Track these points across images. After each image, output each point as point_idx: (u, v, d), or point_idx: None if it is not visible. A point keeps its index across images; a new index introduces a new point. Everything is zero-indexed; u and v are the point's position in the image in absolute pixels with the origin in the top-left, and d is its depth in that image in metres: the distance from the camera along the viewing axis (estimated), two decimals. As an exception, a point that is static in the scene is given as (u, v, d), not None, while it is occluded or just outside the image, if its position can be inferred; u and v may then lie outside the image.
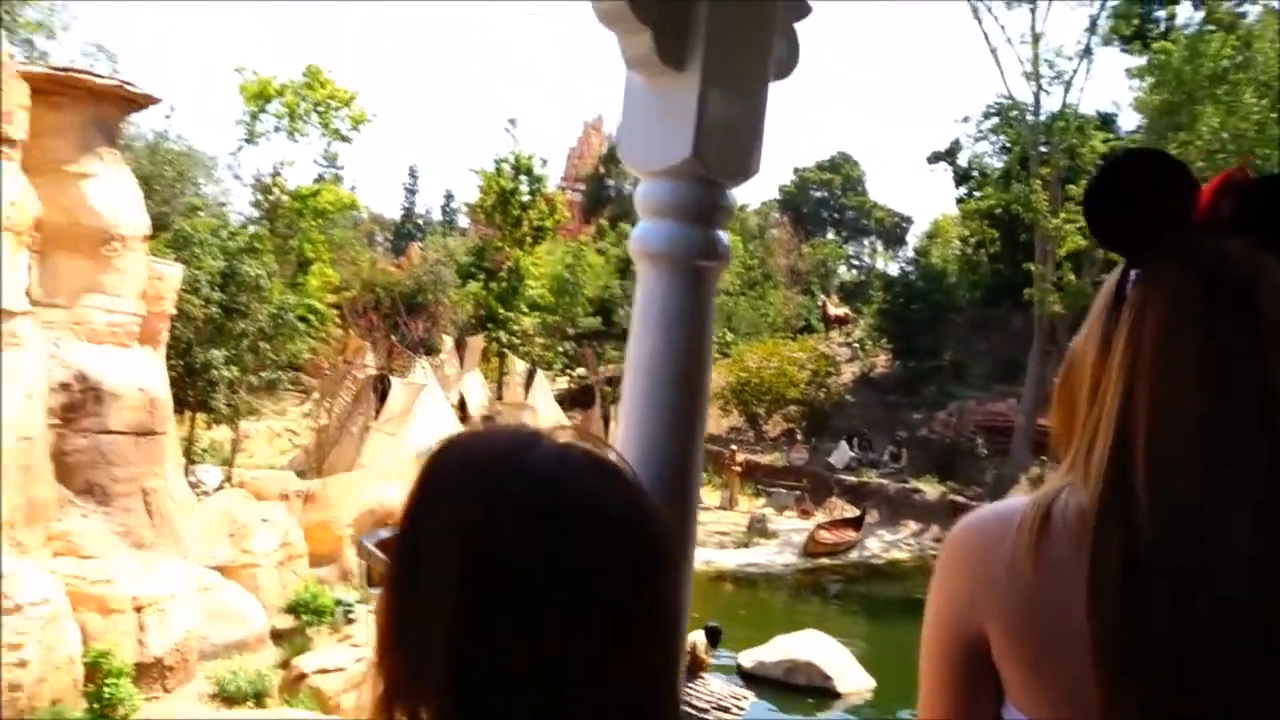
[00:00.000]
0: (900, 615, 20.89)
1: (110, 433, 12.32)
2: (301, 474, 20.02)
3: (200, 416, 18.31)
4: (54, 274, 12.53)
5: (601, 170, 62.84)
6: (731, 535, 24.52)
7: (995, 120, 34.09)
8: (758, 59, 1.43)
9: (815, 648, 14.96)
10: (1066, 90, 31.47)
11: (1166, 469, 0.89)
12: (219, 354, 16.64)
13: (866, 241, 68.02)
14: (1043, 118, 31.74)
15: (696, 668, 12.32)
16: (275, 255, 31.32)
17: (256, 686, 11.15)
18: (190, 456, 20.30)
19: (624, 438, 1.35)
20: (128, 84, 13.39)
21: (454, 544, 0.80)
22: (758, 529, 24.96)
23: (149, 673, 10.71)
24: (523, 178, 39.30)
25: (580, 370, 37.95)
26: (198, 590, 12.10)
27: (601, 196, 60.48)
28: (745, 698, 12.43)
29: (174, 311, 14.49)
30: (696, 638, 12.50)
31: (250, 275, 17.26)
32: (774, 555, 23.52)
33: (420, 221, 74.92)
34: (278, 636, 13.02)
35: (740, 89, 1.40)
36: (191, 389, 16.79)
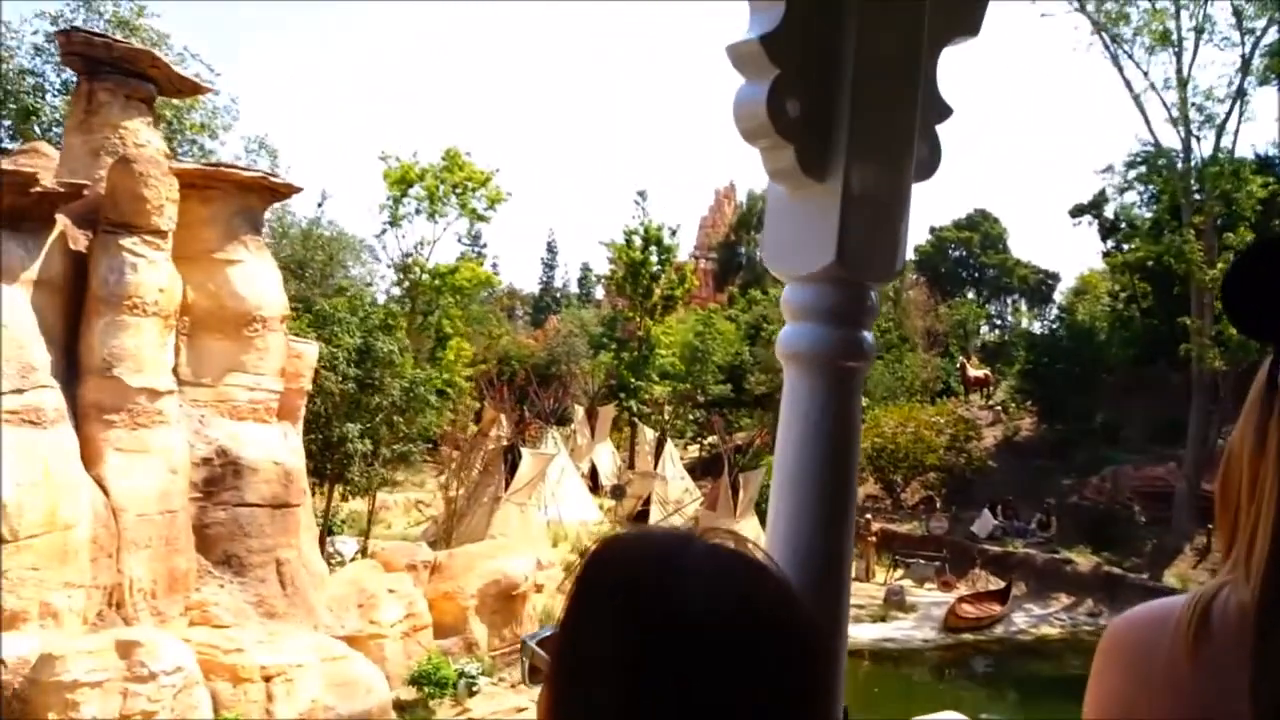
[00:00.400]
0: (1050, 695, 19.57)
1: (247, 505, 12.89)
2: (433, 544, 20.49)
3: (338, 488, 18.97)
4: (200, 354, 13.33)
5: (733, 237, 63.21)
6: (867, 608, 23.56)
7: (1141, 169, 32.49)
8: (899, 165, 1.46)
9: (954, 731, 14.08)
10: (1219, 135, 29.86)
11: None
12: (354, 428, 17.29)
13: (1009, 300, 65.76)
14: (1194, 164, 30.13)
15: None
16: (414, 331, 32.68)
17: (379, 759, 11.28)
18: (330, 528, 21.07)
19: (774, 534, 1.39)
20: (271, 175, 14.30)
21: (612, 649, 0.84)
22: (895, 601, 23.95)
23: (275, 742, 10.97)
24: (652, 248, 39.84)
25: (711, 438, 37.72)
26: (324, 660, 12.39)
27: (733, 263, 60.71)
28: (874, 785, 11.77)
29: (310, 388, 15.14)
30: None
31: (384, 351, 17.95)
32: (912, 630, 22.48)
33: (558, 295, 76.80)
34: (401, 707, 13.20)
35: (882, 194, 1.44)
36: (329, 462, 17.45)
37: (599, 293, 60.05)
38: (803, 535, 1.36)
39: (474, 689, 14.13)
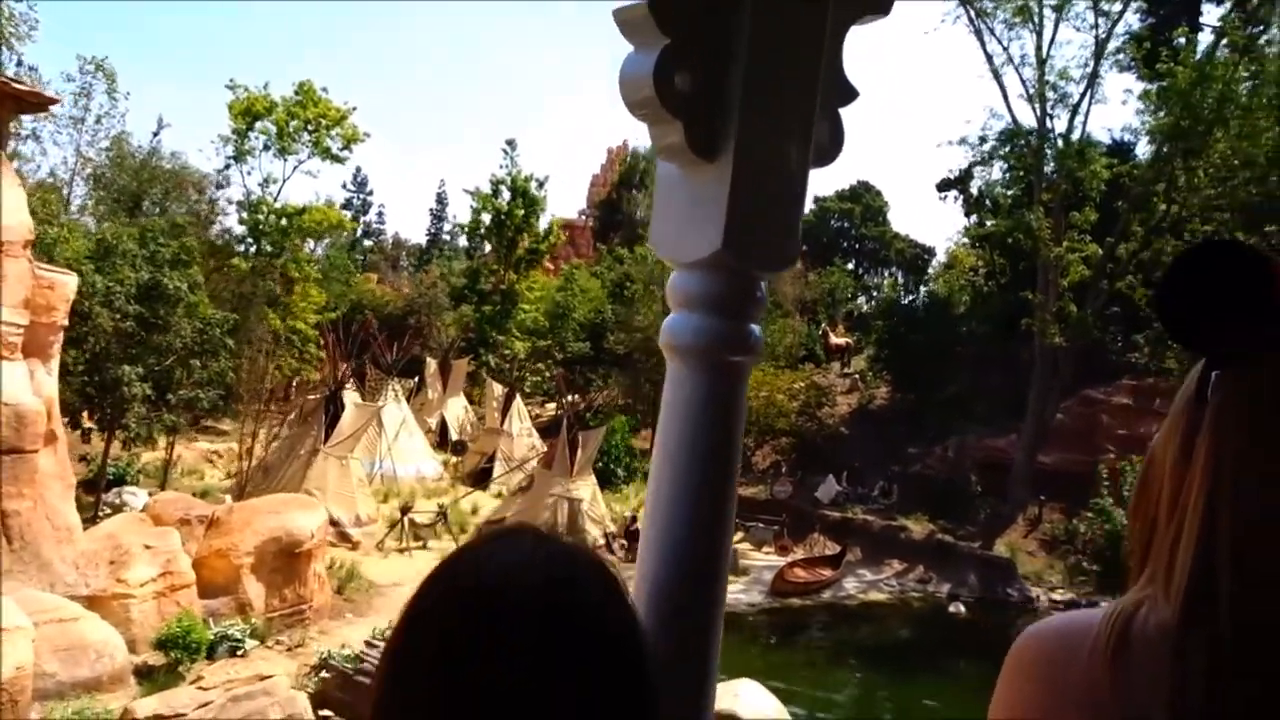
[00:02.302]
0: (864, 661, 19.62)
1: (-36, 450, 11.52)
2: (240, 498, 19.24)
3: (118, 435, 17.47)
4: (-80, 280, 11.83)
5: (614, 195, 62.26)
6: (699, 572, 23.31)
7: (994, 144, 32.77)
8: (796, 148, 1.37)
9: (741, 698, 13.74)
10: (1073, 114, 30.25)
11: (1256, 584, 0.88)
12: (132, 370, 15.83)
13: (886, 273, 66.75)
14: (1047, 142, 30.48)
15: None
16: (262, 275, 30.89)
17: (93, 731, 10.22)
18: (122, 477, 19.59)
19: (650, 530, 1.33)
20: (14, 81, 12.72)
21: (424, 643, 0.87)
22: (728, 565, 23.70)
23: (-33, 713, 9.80)
24: (519, 199, 38.67)
25: (570, 396, 37.04)
26: (48, 623, 11.21)
27: (613, 221, 59.81)
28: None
29: (65, 323, 13.72)
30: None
31: (173, 288, 16.48)
32: (740, 593, 22.25)
33: (445, 247, 74.77)
34: (146, 673, 12.11)
35: (777, 178, 1.35)
36: (104, 406, 16.01)
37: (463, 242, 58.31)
38: (680, 532, 1.30)
39: (238, 651, 13.11)
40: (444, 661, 0.83)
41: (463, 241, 73.46)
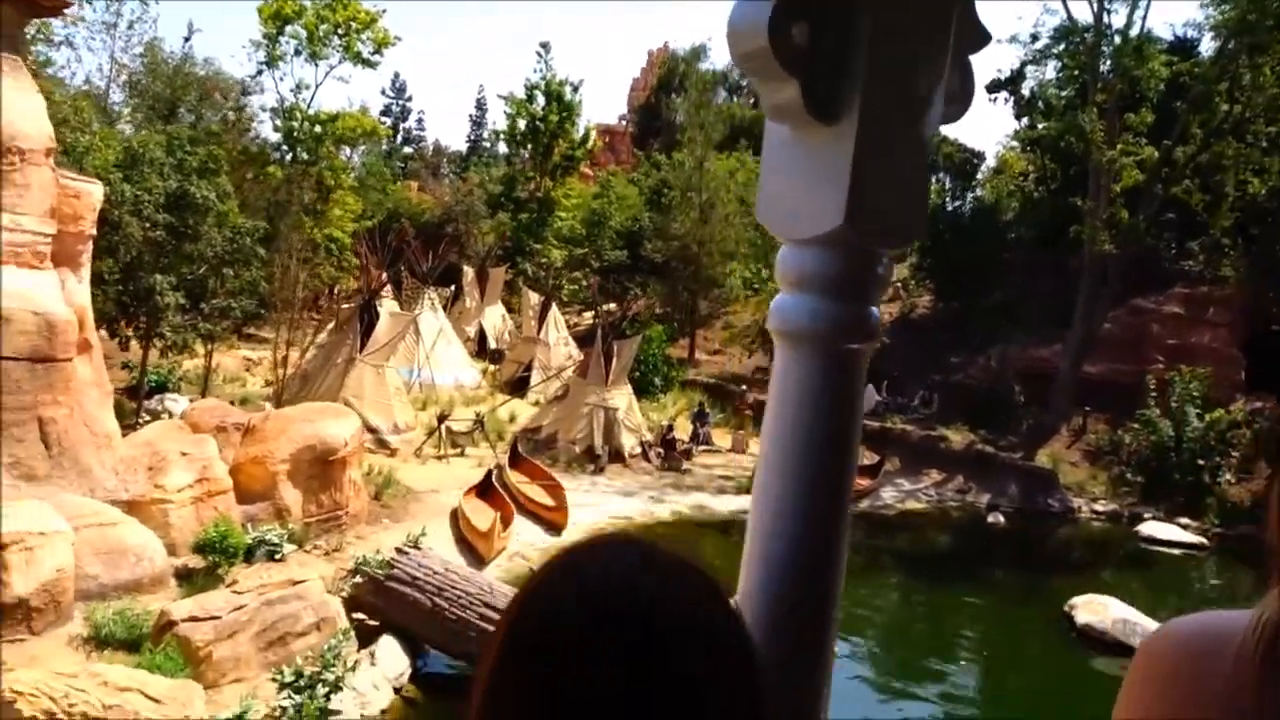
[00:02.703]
0: (899, 570, 19.63)
1: (-2, 358, 11.60)
2: (279, 405, 19.42)
3: (156, 343, 17.59)
4: (-55, 188, 11.77)
5: (653, 100, 60.92)
6: (735, 480, 23.31)
7: (1047, 42, 31.27)
8: (927, 105, 1.23)
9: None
10: (1131, 9, 28.72)
11: None
12: (164, 279, 15.83)
13: (934, 178, 65.09)
14: (1103, 39, 29.01)
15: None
16: (297, 183, 30.73)
17: (133, 632, 10.45)
18: (164, 384, 19.84)
19: (758, 528, 1.25)
20: (29, -16, 12.41)
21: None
22: (764, 475, 23.67)
23: (12, 614, 10.05)
24: (553, 104, 37.89)
25: (607, 305, 36.83)
26: (88, 526, 11.43)
27: (651, 126, 58.64)
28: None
29: (94, 232, 13.66)
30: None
31: (200, 197, 16.33)
32: (775, 503, 22.27)
33: (485, 154, 73.98)
34: (187, 575, 12.35)
35: (905, 141, 1.21)
36: (139, 315, 16.07)
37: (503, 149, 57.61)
38: (793, 528, 1.21)
39: (276, 556, 13.30)
40: (547, 668, 0.80)
41: (503, 148, 73.01)
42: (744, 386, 28.82)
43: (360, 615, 12.07)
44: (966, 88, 1.30)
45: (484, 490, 18.82)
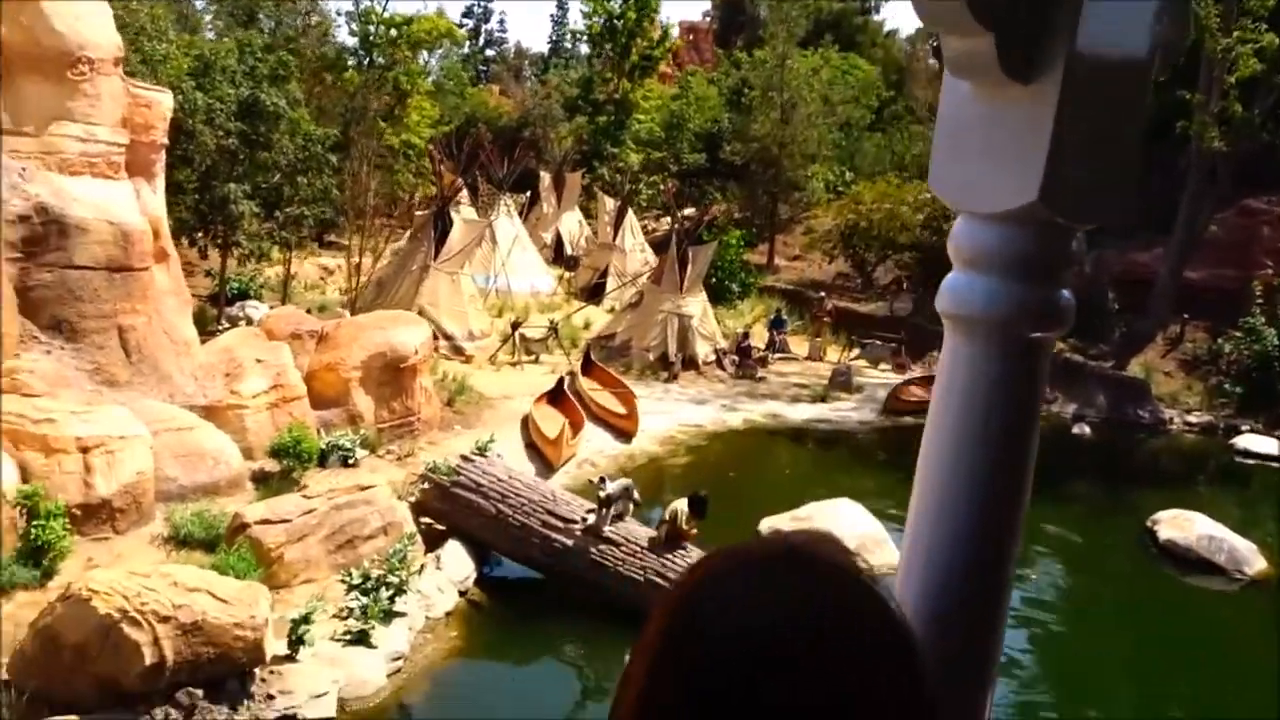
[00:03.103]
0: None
1: (77, 268, 11.92)
2: (355, 313, 19.72)
3: (235, 251, 17.89)
4: (18, 99, 11.96)
5: (736, -7, 58.70)
6: (810, 389, 23.02)
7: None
8: (1140, 57, 1.06)
9: (841, 518, 13.64)
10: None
11: None
12: (237, 188, 15.99)
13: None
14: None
15: (677, 538, 11.30)
16: (373, 89, 30.66)
17: (210, 533, 10.85)
18: (245, 292, 20.28)
19: (923, 512, 1.15)
20: (92, -112, 12.32)
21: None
22: (840, 382, 23.32)
23: (96, 514, 10.51)
24: (630, 1, 36.80)
25: (686, 210, 36.26)
26: (167, 431, 11.82)
27: (734, 22, 56.65)
28: (727, 573, 11.33)
29: (166, 141, 13.81)
30: (679, 506, 11.42)
31: (271, 104, 16.33)
32: (850, 411, 21.96)
33: (567, 56, 72.66)
34: (263, 479, 12.74)
35: (1115, 103, 1.05)
36: (216, 224, 16.32)
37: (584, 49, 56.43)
38: (961, 527, 1.10)
39: (349, 460, 13.64)
40: (708, 691, 0.75)
41: (584, 49, 71.50)
42: (822, 293, 28.22)
43: (428, 520, 12.33)
44: (1179, 29, 1.09)
45: (555, 397, 18.93)
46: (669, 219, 37.10)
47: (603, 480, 11.65)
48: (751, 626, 0.77)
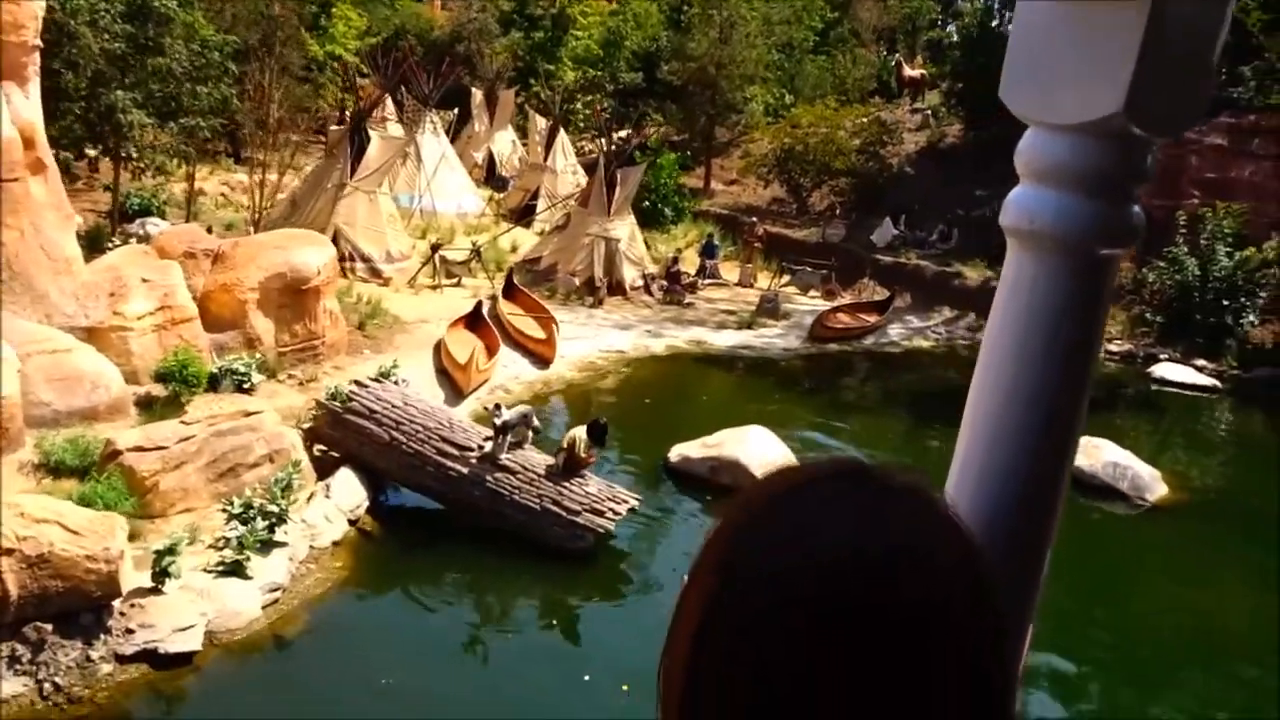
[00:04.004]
0: (890, 408, 19.22)
1: (-66, 178, 11.11)
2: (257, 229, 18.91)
3: (128, 165, 16.93)
4: None
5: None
6: (738, 315, 22.79)
7: None
8: None
9: (750, 446, 13.49)
10: None
11: None
12: (125, 96, 15.03)
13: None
14: None
15: (575, 466, 11.04)
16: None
17: (84, 460, 10.35)
18: (147, 208, 19.36)
19: (973, 438, 1.12)
20: None
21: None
22: (768, 309, 23.11)
23: (-41, 440, 9.95)
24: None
25: (622, 132, 35.37)
26: (42, 354, 11.21)
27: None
28: (625, 501, 11.14)
29: (39, 43, 12.84)
30: (577, 433, 11.14)
31: (159, 4, 15.26)
32: (775, 338, 21.79)
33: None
34: (149, 404, 12.20)
35: (1200, 10, 1.03)
36: (104, 134, 15.38)
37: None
38: (1012, 457, 1.07)
39: (245, 386, 13.12)
40: (764, 640, 0.71)
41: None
42: (753, 219, 27.83)
43: (324, 448, 11.93)
44: None
45: (474, 322, 18.47)
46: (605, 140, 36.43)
47: (498, 407, 11.30)
48: (823, 552, 0.72)
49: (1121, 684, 10.08)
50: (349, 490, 11.05)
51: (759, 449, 13.50)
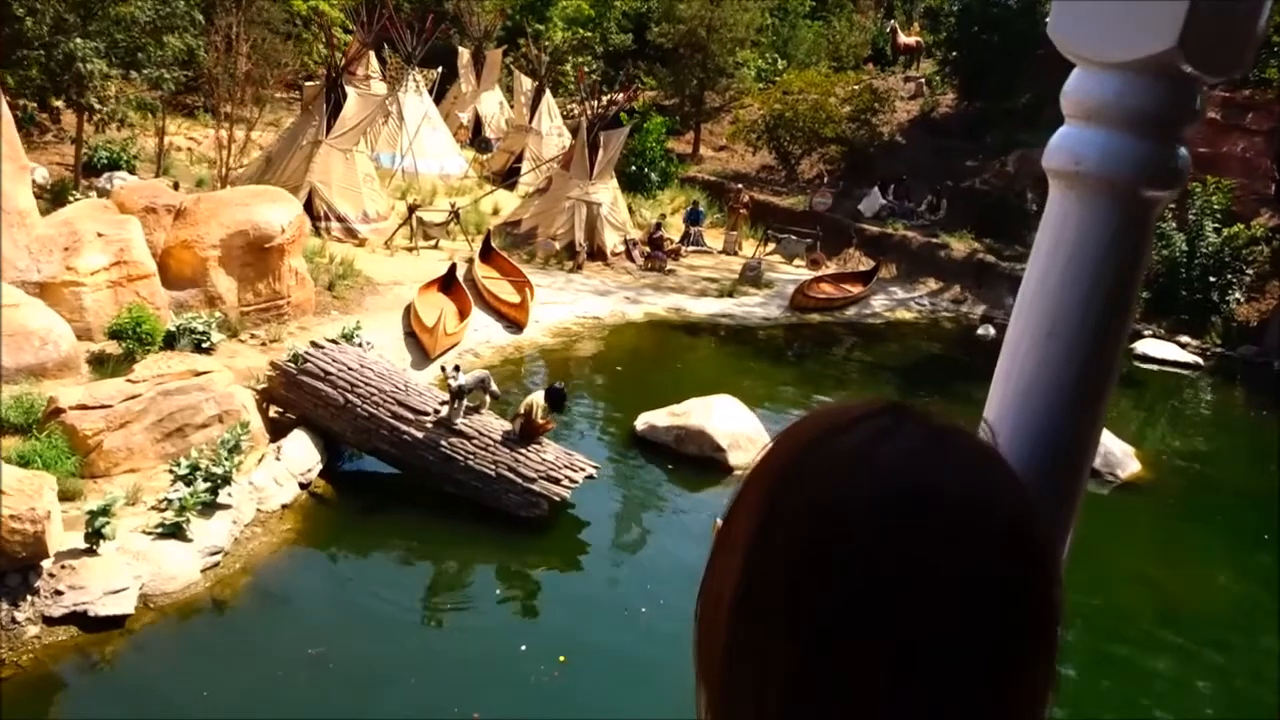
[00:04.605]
0: (869, 379, 19.02)
1: (-124, 125, 10.78)
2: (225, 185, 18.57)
3: (91, 117, 16.51)
4: None
5: None
6: (719, 283, 22.52)
7: None
8: None
9: (717, 415, 13.28)
10: None
11: None
12: (86, 44, 14.61)
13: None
14: None
15: (532, 433, 10.84)
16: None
17: (29, 418, 10.11)
18: (115, 161, 18.99)
19: (1006, 383, 1.08)
20: None
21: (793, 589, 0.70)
22: (750, 277, 22.85)
23: (-102, 396, 9.72)
24: None
25: (612, 94, 34.80)
26: (-12, 308, 10.95)
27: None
28: (583, 469, 10.95)
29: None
30: (535, 399, 10.93)
31: (125, -49, 14.84)
32: (756, 307, 21.55)
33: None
34: (102, 362, 11.95)
35: None
36: (65, 84, 14.98)
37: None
38: (1048, 402, 1.06)
39: (204, 345, 12.86)
40: (817, 579, 0.68)
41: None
42: (739, 185, 27.47)
43: (280, 410, 11.71)
44: None
45: (448, 285, 18.21)
46: (594, 102, 35.91)
47: (456, 369, 11.07)
48: (875, 489, 0.69)
49: (1085, 666, 9.98)
50: (301, 453, 10.84)
51: (726, 419, 13.30)
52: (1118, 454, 14.34)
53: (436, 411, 10.93)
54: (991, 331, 22.44)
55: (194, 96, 20.00)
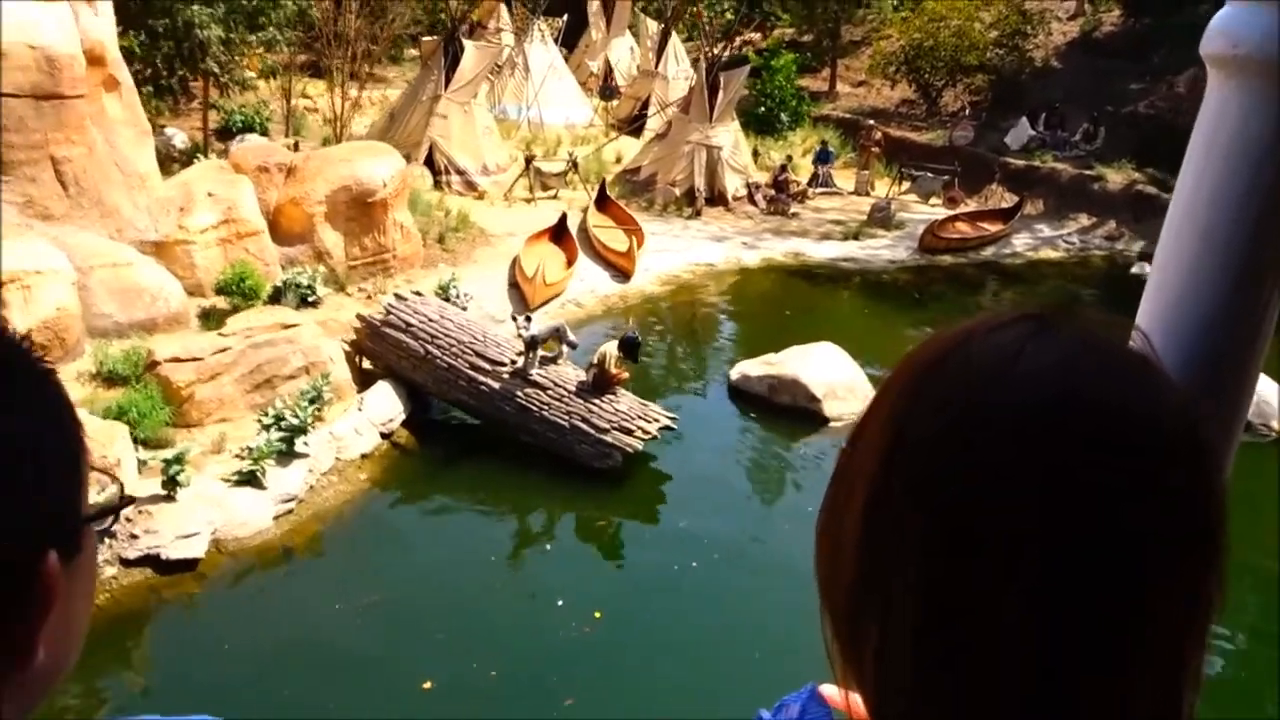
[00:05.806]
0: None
1: (-2, 96, 11.50)
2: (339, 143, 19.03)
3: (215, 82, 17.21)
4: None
5: None
6: (845, 225, 21.61)
7: None
8: None
9: (813, 363, 12.74)
10: None
11: None
12: (202, 10, 15.20)
13: None
14: None
15: (606, 383, 10.66)
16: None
17: (134, 370, 10.71)
18: (249, 124, 19.81)
19: (1159, 294, 1.02)
20: None
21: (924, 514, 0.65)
22: (878, 219, 21.82)
23: (17, 349, 10.44)
24: None
25: (745, 36, 33.78)
26: (104, 267, 11.63)
27: None
28: (657, 420, 10.70)
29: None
30: (608, 348, 10.74)
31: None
32: (882, 249, 20.56)
33: None
34: (211, 317, 12.53)
35: None
36: (184, 51, 15.65)
37: None
38: (1207, 299, 0.98)
39: (309, 299, 13.30)
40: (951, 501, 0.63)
41: None
42: (870, 121, 26.18)
43: (368, 365, 12.00)
44: None
45: (558, 235, 18.19)
46: (724, 45, 34.98)
47: (528, 319, 10.98)
48: (1019, 397, 0.63)
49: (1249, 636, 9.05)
50: (384, 403, 11.06)
51: (822, 367, 12.74)
52: (1274, 402, 12.91)
53: (513, 362, 10.91)
54: (1147, 269, 20.64)
55: (312, 56, 20.50)
